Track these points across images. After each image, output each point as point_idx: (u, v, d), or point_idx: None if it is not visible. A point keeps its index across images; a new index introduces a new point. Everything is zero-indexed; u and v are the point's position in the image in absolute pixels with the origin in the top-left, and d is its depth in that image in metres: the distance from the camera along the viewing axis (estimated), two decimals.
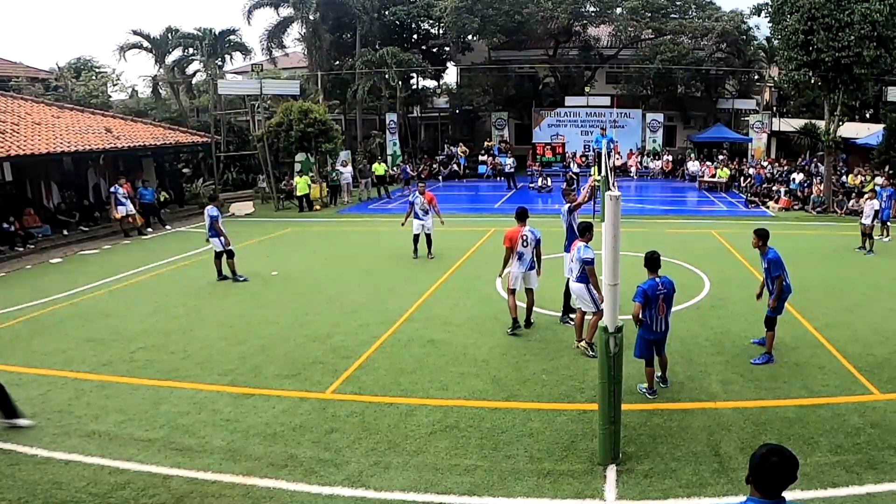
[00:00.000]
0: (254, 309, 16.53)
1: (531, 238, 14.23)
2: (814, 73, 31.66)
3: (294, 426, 10.07)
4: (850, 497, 8.09)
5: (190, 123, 44.55)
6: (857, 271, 20.37)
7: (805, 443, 9.35)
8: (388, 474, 8.69)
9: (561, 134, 53.22)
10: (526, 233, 14.25)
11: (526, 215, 14.71)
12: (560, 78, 57.89)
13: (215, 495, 8.33)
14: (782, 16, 31.18)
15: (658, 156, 51.97)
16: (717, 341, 13.78)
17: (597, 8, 54.34)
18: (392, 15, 53.85)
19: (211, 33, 48.28)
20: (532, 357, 12.94)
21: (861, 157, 42.77)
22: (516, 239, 14.24)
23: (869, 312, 15.84)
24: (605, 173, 23.51)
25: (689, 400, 10.96)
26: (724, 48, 53.11)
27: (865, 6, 28.04)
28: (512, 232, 14.36)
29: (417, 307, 16.42)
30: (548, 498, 8.20)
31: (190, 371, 12.49)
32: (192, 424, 10.20)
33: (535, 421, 10.20)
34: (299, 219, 32.56)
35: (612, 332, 8.43)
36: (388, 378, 11.96)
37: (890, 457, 8.96)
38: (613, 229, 8.13)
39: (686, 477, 8.59)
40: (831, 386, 11.44)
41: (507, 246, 14.37)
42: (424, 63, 52.82)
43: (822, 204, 33.65)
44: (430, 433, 9.80)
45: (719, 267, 20.26)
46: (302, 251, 24.09)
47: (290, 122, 34.64)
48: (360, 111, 52.71)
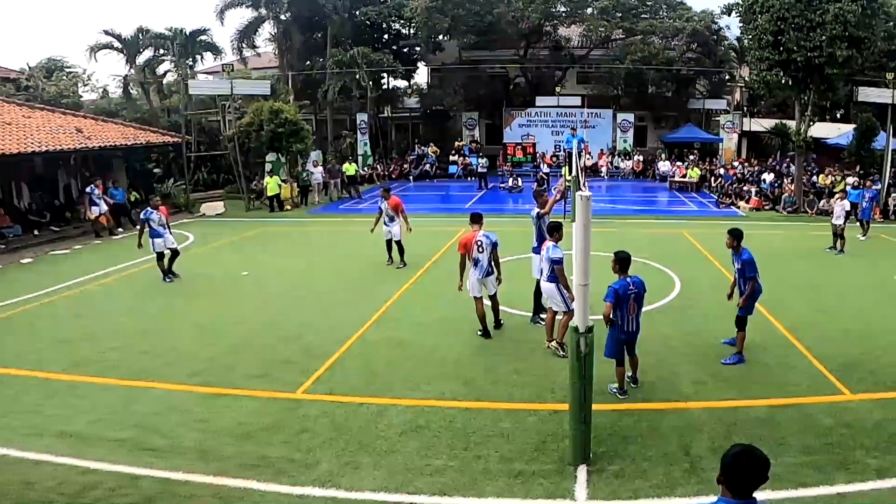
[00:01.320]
0: (224, 309, 16.48)
1: (486, 242, 13.87)
2: (785, 73, 31.81)
3: (265, 426, 10.05)
4: (820, 497, 8.14)
5: (160, 124, 44.42)
6: (828, 271, 20.54)
7: (776, 443, 9.38)
8: (358, 474, 8.68)
9: (531, 134, 53.48)
10: (481, 237, 13.92)
11: (480, 219, 14.49)
12: (531, 78, 57.82)
13: (186, 495, 8.30)
14: (753, 16, 31.28)
15: (629, 156, 52.16)
16: (688, 342, 13.83)
17: (567, 8, 54.29)
18: (363, 15, 53.69)
19: (182, 33, 48.00)
20: (503, 357, 12.95)
21: (832, 157, 43.05)
22: (471, 244, 13.93)
23: (840, 313, 15.97)
24: (575, 173, 23.59)
25: (659, 400, 11.00)
26: (695, 48, 53.33)
27: (838, 6, 28.21)
28: (466, 237, 14.09)
29: (388, 308, 16.41)
30: (518, 498, 8.20)
31: (160, 371, 12.43)
32: (162, 424, 10.15)
33: (505, 421, 10.20)
34: (270, 219, 32.51)
35: (583, 332, 8.42)
36: (359, 378, 11.94)
37: (861, 457, 9.02)
38: (584, 229, 8.15)
39: (657, 477, 8.61)
40: (802, 386, 11.49)
41: (461, 252, 14.07)
42: (395, 63, 52.62)
43: (793, 204, 33.85)
44: (401, 433, 9.79)
45: (690, 267, 20.35)
46: (272, 251, 24.04)
47: (261, 123, 34.62)
48: (331, 111, 52.51)
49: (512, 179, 43.53)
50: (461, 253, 14.06)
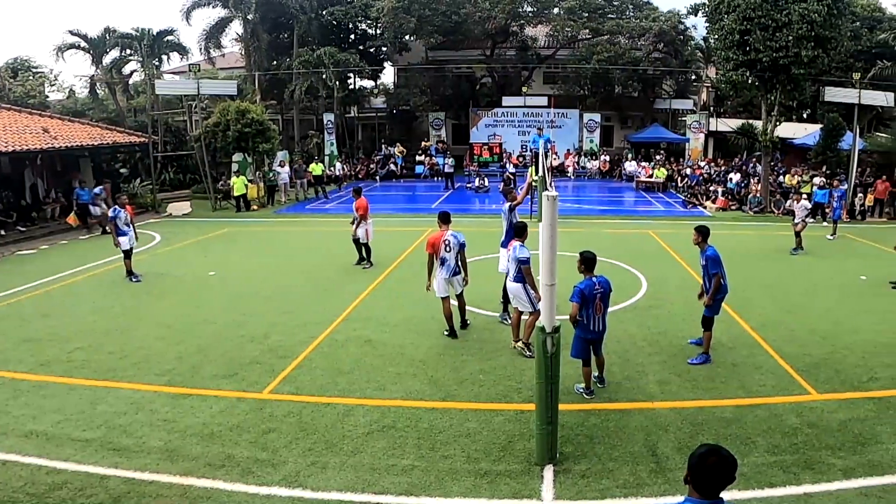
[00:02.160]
0: (191, 309, 16.40)
1: (454, 242, 13.90)
2: (751, 73, 32.13)
3: (231, 426, 10.03)
4: (787, 497, 8.19)
5: (127, 124, 44.26)
6: (794, 271, 20.67)
7: (742, 443, 9.45)
8: (325, 474, 8.67)
9: (498, 134, 53.67)
10: (448, 237, 13.94)
11: (448, 219, 14.47)
12: (497, 78, 58.02)
13: (152, 495, 8.27)
14: (719, 16, 31.54)
15: (595, 156, 52.35)
16: (655, 341, 13.87)
17: (534, 8, 54.61)
18: (330, 15, 53.59)
19: (149, 34, 47.79)
20: (469, 357, 12.97)
21: (798, 157, 43.41)
22: (438, 244, 13.95)
23: (806, 312, 16.08)
24: (542, 173, 23.63)
25: (626, 400, 11.03)
26: (662, 48, 53.51)
27: (803, 6, 28.48)
28: (434, 237, 14.12)
29: (355, 307, 16.40)
30: (485, 498, 8.22)
31: (127, 371, 12.37)
32: (129, 424, 10.11)
33: (472, 421, 10.22)
34: (236, 219, 32.36)
35: (550, 332, 8.43)
36: (326, 378, 11.93)
37: (827, 457, 9.08)
38: (550, 229, 8.17)
39: (623, 477, 8.64)
40: (768, 386, 11.57)
41: (429, 252, 14.12)
42: (362, 63, 52.54)
43: (760, 204, 34.11)
44: (368, 433, 9.79)
45: (657, 267, 20.43)
46: (239, 251, 23.95)
47: (228, 123, 34.51)
48: (298, 111, 52.44)
49: (479, 179, 43.57)
50: (429, 252, 14.13)
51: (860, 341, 13.89)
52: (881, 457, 9.10)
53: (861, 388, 11.50)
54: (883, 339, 14.05)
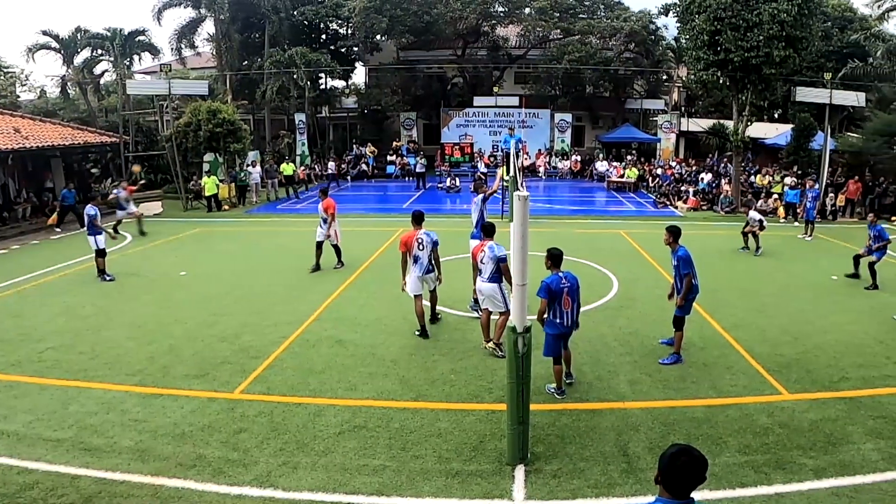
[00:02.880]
0: (162, 309, 16.31)
1: (427, 241, 14.09)
2: (722, 73, 32.17)
3: (202, 426, 9.99)
4: (758, 497, 8.23)
5: (98, 123, 44.20)
6: (765, 271, 20.75)
7: (713, 443, 9.50)
8: (296, 474, 8.67)
9: (469, 134, 53.66)
10: (421, 235, 14.16)
11: (422, 218, 14.73)
12: (468, 78, 58.22)
13: (124, 495, 8.24)
14: (690, 16, 31.54)
15: (566, 156, 52.40)
16: (626, 341, 13.92)
17: (505, 8, 54.78)
18: (301, 15, 53.47)
19: (120, 33, 47.66)
20: (440, 357, 12.97)
21: (770, 157, 43.65)
22: (412, 242, 14.17)
23: (777, 313, 16.15)
24: (513, 173, 23.67)
25: (597, 400, 11.06)
26: (633, 48, 53.82)
27: (773, 6, 28.55)
28: (407, 235, 14.35)
29: (326, 307, 16.38)
30: (456, 498, 8.24)
31: (98, 371, 12.30)
32: (100, 424, 10.06)
33: (443, 421, 10.23)
34: (208, 219, 32.19)
35: (521, 332, 8.45)
36: (297, 378, 11.91)
37: (798, 457, 9.14)
38: (522, 229, 8.15)
39: (594, 477, 8.67)
40: (739, 386, 11.63)
41: (402, 251, 14.35)
42: (333, 63, 52.49)
43: (731, 204, 34.23)
44: (339, 433, 9.79)
45: (628, 267, 20.47)
46: (210, 251, 23.84)
47: (199, 123, 34.30)
48: (269, 111, 52.37)
49: (450, 179, 43.65)
50: (402, 251, 14.32)
51: (831, 341, 14.01)
52: (852, 457, 9.16)
53: (832, 388, 11.59)
54: (854, 340, 14.17)
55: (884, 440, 9.65)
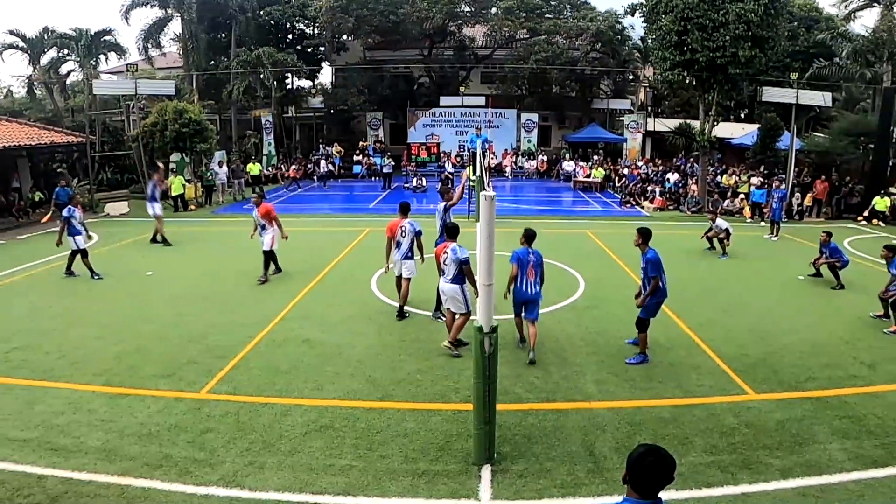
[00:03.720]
0: (129, 309, 16.20)
1: (409, 229, 15.11)
2: (688, 73, 32.28)
3: (169, 426, 9.94)
4: (724, 497, 8.28)
5: (65, 123, 43.78)
6: (732, 271, 20.87)
7: (680, 443, 9.54)
8: (262, 474, 8.65)
9: (436, 134, 53.68)
10: (405, 224, 15.16)
11: (408, 209, 15.74)
12: (435, 78, 58.26)
13: (90, 495, 8.20)
14: (656, 16, 31.63)
15: (533, 156, 52.48)
16: (592, 341, 13.94)
17: (472, 8, 54.80)
18: (267, 15, 53.46)
19: (87, 34, 47.39)
20: (407, 357, 12.97)
21: (736, 157, 43.94)
22: (395, 229, 15.21)
23: (744, 313, 16.25)
24: (479, 173, 23.71)
25: (564, 400, 11.07)
26: (599, 48, 54.00)
27: (740, 6, 28.68)
28: (393, 223, 15.36)
29: (292, 307, 16.33)
30: (423, 498, 8.24)
31: (65, 371, 12.22)
32: (67, 424, 10.00)
33: (409, 421, 10.23)
34: (174, 219, 31.87)
35: (487, 332, 8.43)
36: (263, 378, 11.88)
37: (764, 457, 9.20)
38: (488, 229, 8.15)
39: (561, 477, 8.69)
40: (706, 386, 11.69)
41: (388, 236, 15.39)
42: (299, 63, 52.56)
43: (697, 204, 34.37)
44: (305, 433, 9.77)
45: (594, 267, 20.52)
46: (177, 251, 23.70)
47: (165, 122, 34.18)
48: (235, 111, 52.18)
49: (416, 179, 43.58)
50: (388, 237, 15.42)
51: (798, 341, 14.12)
52: (819, 457, 9.24)
53: (798, 387, 11.67)
54: (820, 339, 14.31)
55: (850, 440, 9.72)
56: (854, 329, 15.11)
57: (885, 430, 10.05)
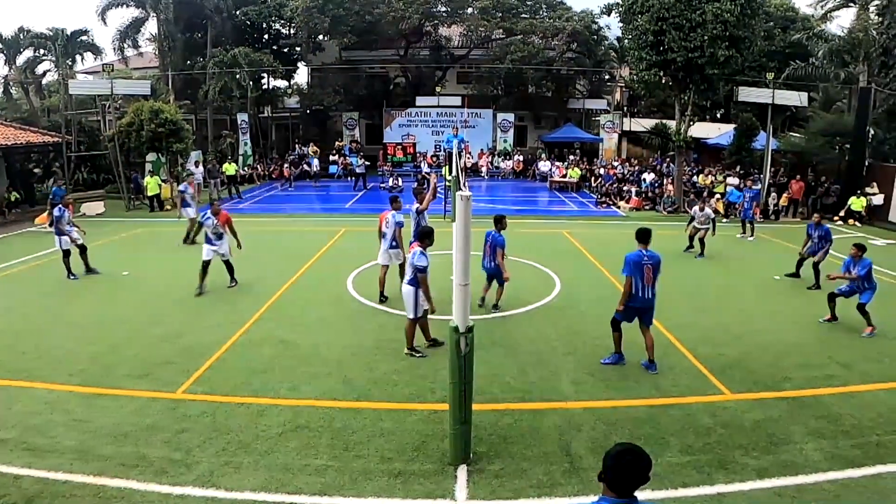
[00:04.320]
0: (105, 309, 16.15)
1: (391, 221, 16.15)
2: (665, 73, 32.37)
3: (145, 426, 9.91)
4: (700, 497, 8.31)
5: (41, 123, 43.60)
6: (708, 271, 20.97)
7: (656, 443, 9.56)
8: (238, 474, 8.64)
9: (412, 134, 53.55)
10: (389, 216, 16.26)
11: (395, 201, 16.62)
12: (411, 78, 58.18)
13: (66, 495, 8.17)
14: (633, 16, 31.60)
15: (509, 156, 52.42)
16: (569, 341, 13.95)
17: (448, 8, 54.72)
18: (244, 15, 53.45)
19: (63, 34, 47.22)
20: (383, 357, 12.96)
21: (712, 157, 44.09)
22: (381, 220, 16.54)
23: (720, 312, 16.31)
24: (455, 173, 23.74)
25: (540, 400, 11.09)
26: (575, 48, 54.03)
27: (717, 6, 28.73)
28: (382, 214, 16.66)
29: (268, 307, 16.31)
30: (398, 498, 8.24)
31: (41, 371, 12.16)
32: (43, 424, 9.97)
33: (386, 421, 10.24)
34: (150, 219, 31.84)
35: (463, 332, 8.42)
36: (239, 378, 11.85)
37: (740, 457, 9.23)
38: (464, 229, 8.15)
39: (537, 477, 8.71)
40: (682, 386, 11.72)
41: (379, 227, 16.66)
42: (275, 63, 52.48)
43: (673, 204, 34.51)
44: (281, 433, 9.76)
45: (570, 267, 20.53)
46: (153, 251, 23.61)
47: (141, 122, 34.01)
48: (211, 111, 52.00)
49: (392, 179, 43.50)
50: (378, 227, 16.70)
51: (774, 341, 14.17)
52: (794, 457, 9.28)
53: (774, 387, 11.72)
54: (796, 340, 14.38)
55: (826, 440, 9.77)
56: (830, 329, 15.20)
57: (861, 431, 10.09)
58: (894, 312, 16.37)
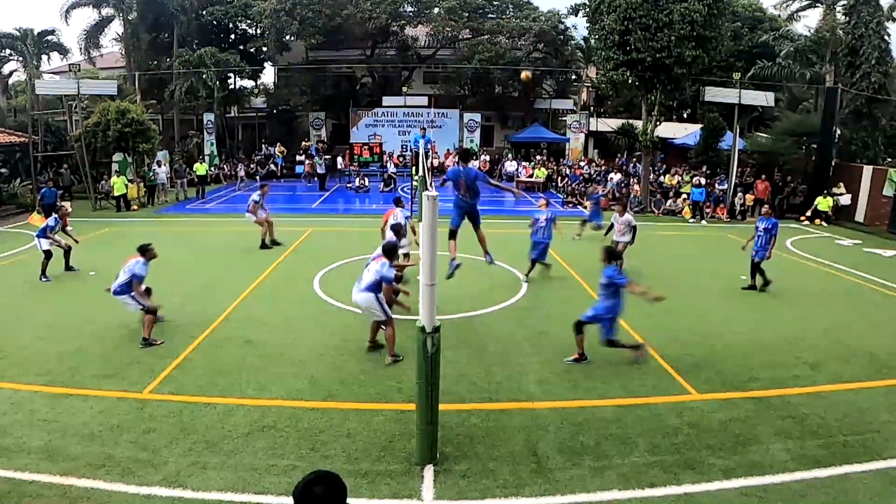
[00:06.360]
0: (72, 309, 16.08)
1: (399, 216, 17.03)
2: (631, 73, 32.52)
3: (111, 426, 9.89)
4: (667, 497, 8.35)
5: (7, 123, 43.14)
6: (674, 272, 21.11)
7: (622, 443, 9.62)
8: (205, 474, 8.62)
9: (378, 134, 53.51)
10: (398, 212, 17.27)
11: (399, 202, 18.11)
12: (378, 78, 58.20)
13: (33, 495, 8.16)
14: (600, 16, 31.80)
15: (475, 156, 52.26)
16: (536, 341, 14.00)
17: (415, 8, 54.71)
18: (209, 15, 53.37)
19: (31, 34, 46.85)
20: (350, 357, 12.99)
21: (679, 157, 44.30)
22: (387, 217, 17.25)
23: (686, 313, 16.41)
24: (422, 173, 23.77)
25: (506, 400, 11.14)
26: (542, 48, 54.25)
27: (684, 6, 28.99)
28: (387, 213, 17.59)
29: (235, 307, 16.28)
30: (365, 498, 8.25)
31: (7, 371, 12.11)
32: (9, 425, 9.93)
33: (352, 421, 10.25)
34: (117, 219, 31.64)
35: (430, 332, 8.42)
36: (206, 378, 11.83)
37: (707, 457, 9.30)
38: (431, 229, 8.17)
39: (504, 477, 8.73)
40: (649, 386, 11.79)
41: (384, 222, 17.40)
42: (242, 63, 52.38)
43: (640, 204, 34.64)
44: (248, 433, 9.76)
45: (537, 267, 20.51)
46: (119, 251, 23.27)
47: (108, 122, 33.92)
48: (178, 111, 51.79)
49: (359, 179, 43.49)
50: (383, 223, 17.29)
51: (741, 341, 14.30)
52: (761, 457, 9.36)
53: (741, 388, 11.82)
54: (763, 339, 14.49)
55: (792, 440, 9.87)
56: (796, 329, 15.34)
57: (828, 431, 10.20)
58: (861, 313, 16.63)
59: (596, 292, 13.52)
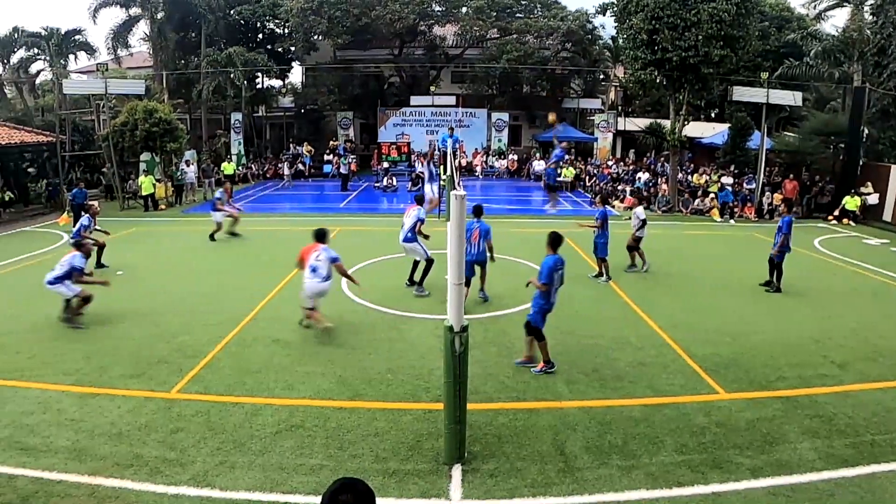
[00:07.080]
0: (99, 309, 15.97)
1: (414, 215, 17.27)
2: (659, 73, 32.42)
3: (139, 426, 9.88)
4: (695, 496, 8.27)
5: (35, 123, 43.45)
6: (701, 272, 20.87)
7: (650, 442, 9.55)
8: (233, 474, 8.61)
9: (406, 133, 53.37)
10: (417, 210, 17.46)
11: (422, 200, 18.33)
12: (405, 77, 58.04)
13: (60, 495, 8.15)
14: (627, 15, 31.70)
15: (503, 155, 52.27)
16: (563, 341, 13.84)
17: (443, 7, 54.56)
18: (237, 14, 53.49)
19: (57, 33, 47.12)
20: (377, 356, 12.94)
21: (706, 156, 44.03)
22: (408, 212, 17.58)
23: (714, 312, 16.25)
24: (450, 173, 23.76)
25: (534, 399, 11.07)
26: (570, 47, 53.90)
27: (712, 6, 28.83)
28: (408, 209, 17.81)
29: (263, 306, 16.29)
30: (393, 497, 8.21)
31: (35, 371, 12.12)
32: (36, 424, 9.93)
33: (380, 420, 10.21)
34: (144, 218, 31.80)
35: (458, 331, 8.39)
36: (234, 377, 11.82)
37: (734, 456, 9.21)
38: (458, 229, 8.15)
39: (531, 476, 8.68)
40: (676, 385, 11.69)
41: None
42: (270, 62, 52.36)
43: (668, 203, 34.45)
44: (276, 433, 9.73)
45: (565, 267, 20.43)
46: (147, 250, 23.54)
47: (136, 122, 34.07)
48: (205, 110, 51.93)
49: (387, 179, 43.44)
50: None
51: (768, 341, 14.13)
52: (789, 456, 9.26)
53: (769, 387, 11.69)
54: (790, 339, 14.31)
55: (820, 439, 9.76)
56: (824, 328, 15.17)
57: (856, 430, 10.09)
58: (889, 312, 16.45)
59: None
